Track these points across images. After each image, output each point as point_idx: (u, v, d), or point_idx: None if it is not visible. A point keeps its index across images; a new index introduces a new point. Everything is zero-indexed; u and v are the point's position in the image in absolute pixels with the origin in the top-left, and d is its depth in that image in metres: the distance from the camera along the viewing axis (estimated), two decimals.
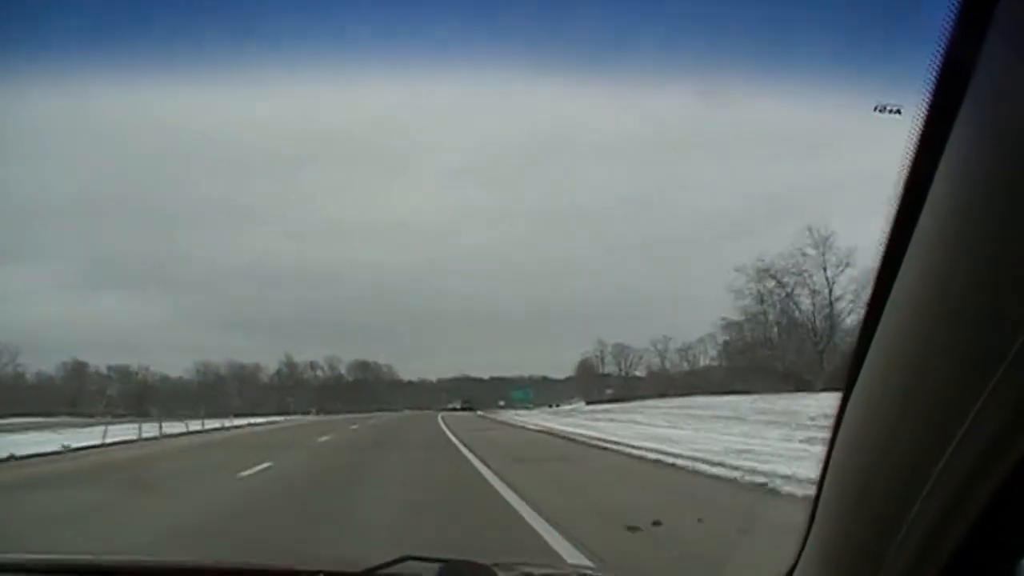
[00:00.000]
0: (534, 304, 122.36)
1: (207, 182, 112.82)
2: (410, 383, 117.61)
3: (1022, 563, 0.98)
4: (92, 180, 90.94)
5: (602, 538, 7.18)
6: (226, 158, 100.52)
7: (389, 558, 1.64)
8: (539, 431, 33.33)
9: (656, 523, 7.62)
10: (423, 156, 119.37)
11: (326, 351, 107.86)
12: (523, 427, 39.99)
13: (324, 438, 27.58)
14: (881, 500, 1.02)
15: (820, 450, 1.22)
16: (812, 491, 1.32)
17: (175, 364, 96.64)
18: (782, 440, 19.78)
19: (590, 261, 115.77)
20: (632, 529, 7.52)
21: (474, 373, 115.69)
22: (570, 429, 31.84)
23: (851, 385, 1.09)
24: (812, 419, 23.24)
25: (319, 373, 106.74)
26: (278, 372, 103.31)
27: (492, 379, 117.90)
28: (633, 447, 19.25)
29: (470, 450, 20.35)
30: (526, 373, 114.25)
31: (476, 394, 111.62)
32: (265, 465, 15.99)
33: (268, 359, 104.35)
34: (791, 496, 9.39)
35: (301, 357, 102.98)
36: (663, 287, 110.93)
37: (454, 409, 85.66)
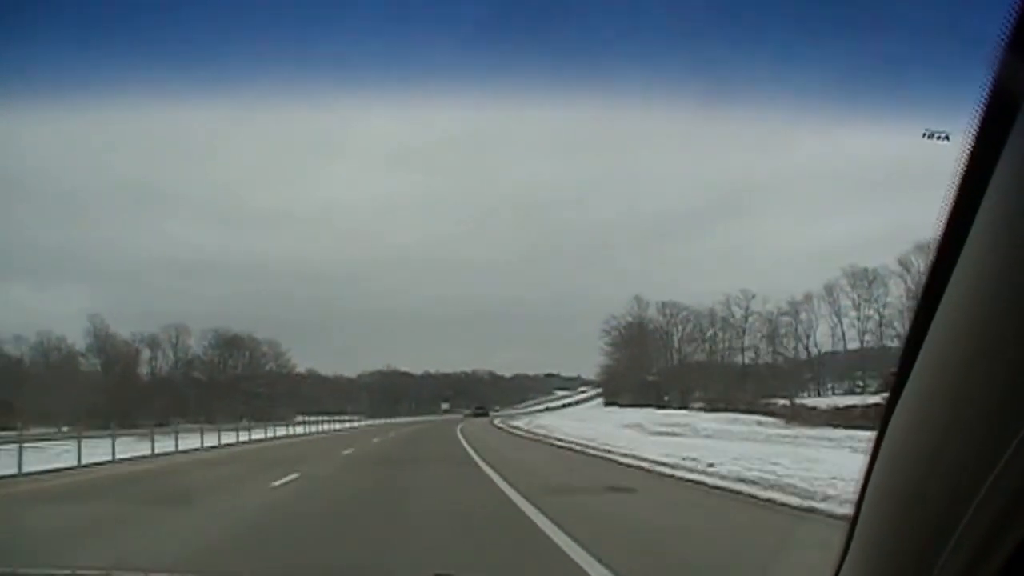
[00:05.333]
0: (474, 299, 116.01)
1: (117, 163, 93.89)
2: (311, 375, 77.05)
3: None
4: None
5: None
6: (137, 138, 79.92)
7: None
8: None
9: None
10: (353, 144, 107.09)
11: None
12: None
13: None
14: (928, 513, 0.99)
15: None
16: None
17: None
18: None
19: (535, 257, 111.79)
20: None
21: (403, 367, 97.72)
22: None
23: (898, 393, 1.07)
24: None
25: (160, 354, 64.06)
26: (87, 351, 60.43)
27: (424, 375, 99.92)
28: None
29: None
30: (469, 368, 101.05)
31: (406, 392, 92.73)
32: None
33: None
34: None
35: None
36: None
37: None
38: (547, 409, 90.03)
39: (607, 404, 70.52)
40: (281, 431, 40.12)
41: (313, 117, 78.47)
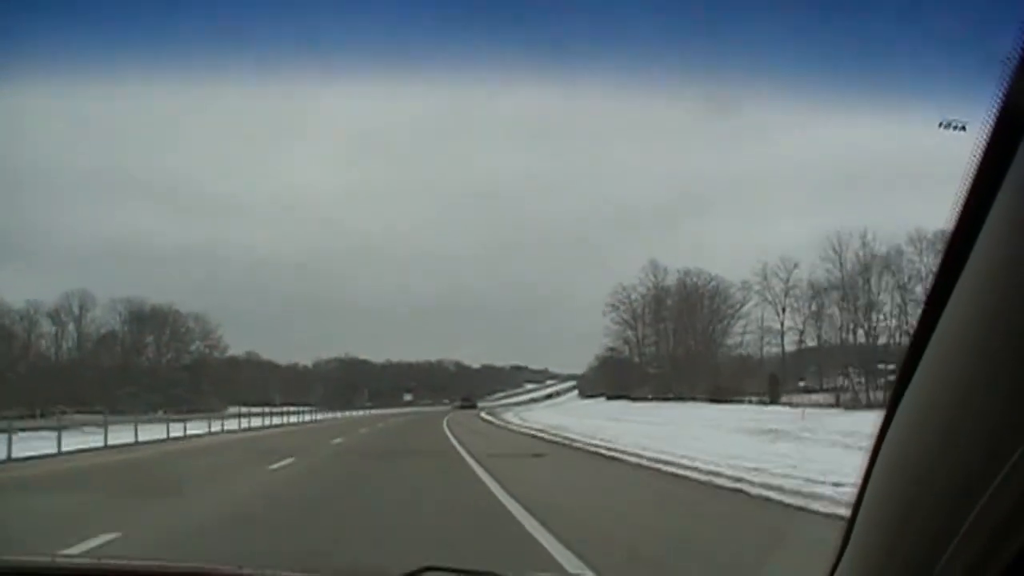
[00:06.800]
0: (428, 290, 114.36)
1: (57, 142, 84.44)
2: (252, 360, 64.60)
3: None
4: None
5: None
6: (84, 116, 69.94)
7: (408, 569, 1.64)
8: None
9: None
10: (314, 130, 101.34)
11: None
12: None
13: None
14: (928, 517, 0.97)
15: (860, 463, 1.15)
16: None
17: None
18: None
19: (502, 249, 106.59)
20: None
21: (363, 355, 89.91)
22: None
23: (900, 392, 1.04)
24: None
25: (59, 331, 50.37)
26: None
27: (386, 364, 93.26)
28: None
29: None
30: (435, 358, 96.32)
31: (366, 382, 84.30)
32: None
33: None
34: None
35: None
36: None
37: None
38: (532, 401, 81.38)
39: (610, 398, 58.89)
40: (196, 430, 27.80)
41: (274, 101, 74.72)
